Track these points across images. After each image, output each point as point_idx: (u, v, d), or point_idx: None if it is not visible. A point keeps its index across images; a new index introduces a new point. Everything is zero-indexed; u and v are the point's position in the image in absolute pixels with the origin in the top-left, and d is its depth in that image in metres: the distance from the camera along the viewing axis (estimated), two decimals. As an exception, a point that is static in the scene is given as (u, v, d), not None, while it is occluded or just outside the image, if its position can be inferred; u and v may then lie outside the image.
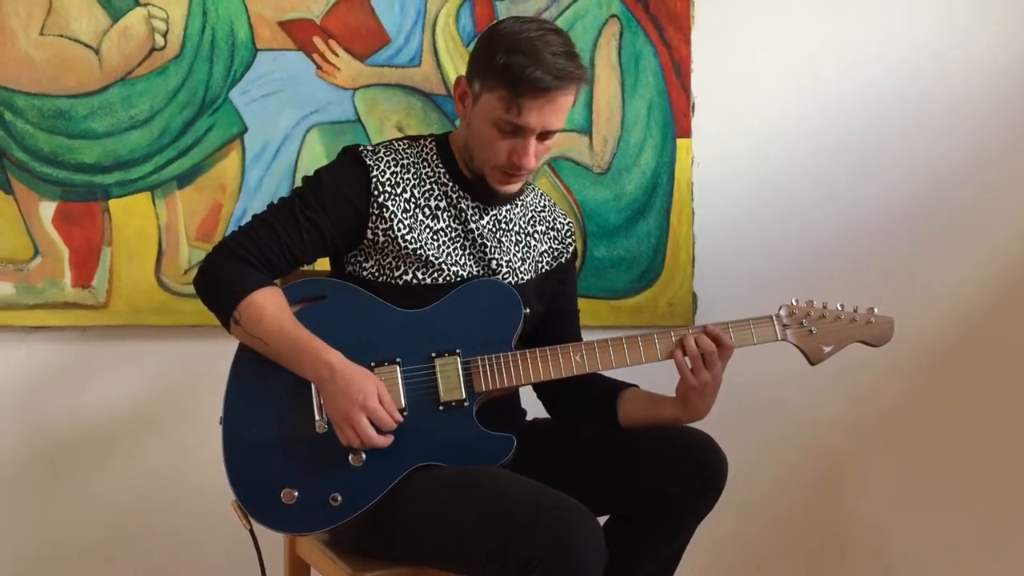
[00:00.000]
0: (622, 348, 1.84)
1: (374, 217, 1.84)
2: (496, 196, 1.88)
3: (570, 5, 2.52)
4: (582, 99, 2.53)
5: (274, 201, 1.88)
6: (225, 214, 2.35)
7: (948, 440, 2.72)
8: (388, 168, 1.87)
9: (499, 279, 1.89)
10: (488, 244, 1.90)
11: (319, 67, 2.39)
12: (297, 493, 1.75)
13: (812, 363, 1.89)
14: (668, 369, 1.84)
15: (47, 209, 2.26)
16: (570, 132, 2.54)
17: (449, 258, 1.87)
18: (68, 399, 2.32)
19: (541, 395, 2.02)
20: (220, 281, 1.80)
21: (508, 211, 1.95)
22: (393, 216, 1.84)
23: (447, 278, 1.86)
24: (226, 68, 2.33)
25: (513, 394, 1.98)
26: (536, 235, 1.98)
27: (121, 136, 2.29)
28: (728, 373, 1.85)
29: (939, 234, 2.71)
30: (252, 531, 1.81)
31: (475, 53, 1.84)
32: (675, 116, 2.59)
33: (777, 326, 1.88)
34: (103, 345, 2.32)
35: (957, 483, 2.73)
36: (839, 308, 1.90)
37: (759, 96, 2.65)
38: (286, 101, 2.37)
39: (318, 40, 2.38)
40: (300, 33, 2.37)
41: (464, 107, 1.86)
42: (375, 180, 1.85)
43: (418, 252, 1.84)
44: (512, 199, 1.93)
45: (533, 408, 2.02)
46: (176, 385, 2.38)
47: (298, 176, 2.34)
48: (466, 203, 1.90)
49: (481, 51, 1.82)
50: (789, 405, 2.71)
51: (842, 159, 2.68)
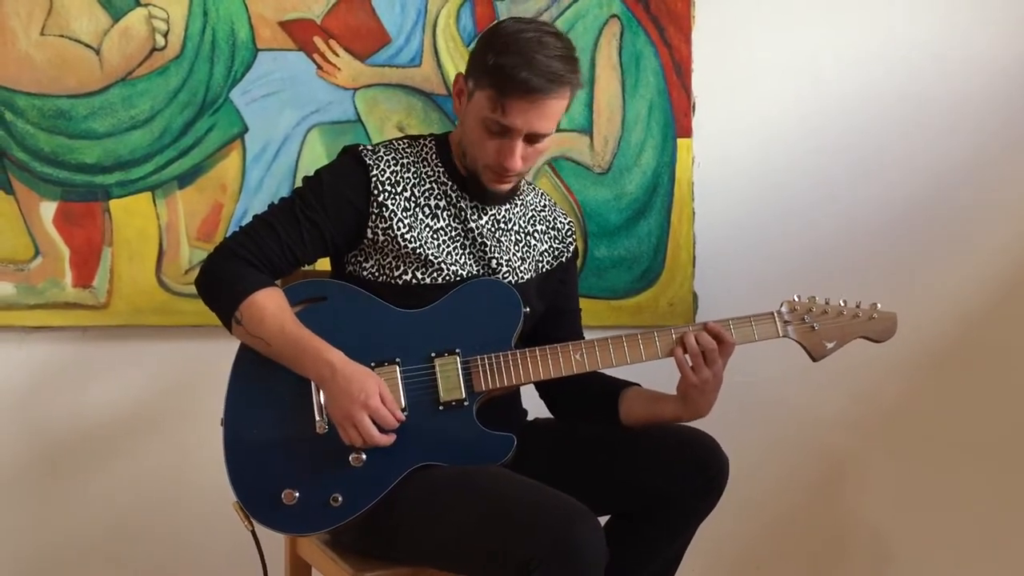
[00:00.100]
0: (622, 346, 1.84)
1: (374, 216, 1.84)
2: (490, 195, 1.88)
3: (571, 5, 2.52)
4: (583, 99, 2.53)
5: (275, 201, 1.88)
6: (226, 214, 2.35)
7: (948, 440, 2.72)
8: (388, 167, 1.87)
9: (499, 278, 1.89)
10: (488, 243, 1.90)
11: (320, 67, 2.39)
12: (298, 494, 1.75)
13: (814, 359, 1.89)
14: (669, 367, 1.84)
15: (48, 209, 2.26)
16: (571, 132, 2.54)
17: (449, 257, 1.87)
18: (69, 399, 2.32)
19: (542, 394, 2.02)
20: (221, 281, 1.80)
21: (508, 210, 1.95)
22: (393, 215, 1.84)
23: (447, 277, 1.86)
24: (227, 68, 2.33)
25: (514, 393, 1.98)
26: (536, 234, 1.98)
27: (122, 136, 2.29)
28: (729, 372, 1.85)
29: (939, 234, 2.72)
30: (254, 532, 1.81)
31: (472, 51, 1.85)
32: (676, 116, 2.59)
33: (779, 322, 1.87)
34: (104, 345, 2.32)
35: (957, 483, 2.73)
36: (842, 304, 1.90)
37: (759, 96, 2.65)
38: (287, 101, 2.37)
39: (319, 40, 2.38)
40: (301, 33, 2.37)
41: (460, 104, 1.86)
42: (375, 179, 1.85)
43: (418, 251, 1.84)
44: (508, 198, 1.93)
45: (535, 408, 2.02)
46: (177, 385, 2.38)
47: (299, 176, 2.34)
48: (465, 202, 1.90)
49: (477, 50, 1.82)
50: (791, 404, 2.71)
51: (842, 159, 2.68)
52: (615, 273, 2.59)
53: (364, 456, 1.76)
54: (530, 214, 1.99)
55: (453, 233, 1.89)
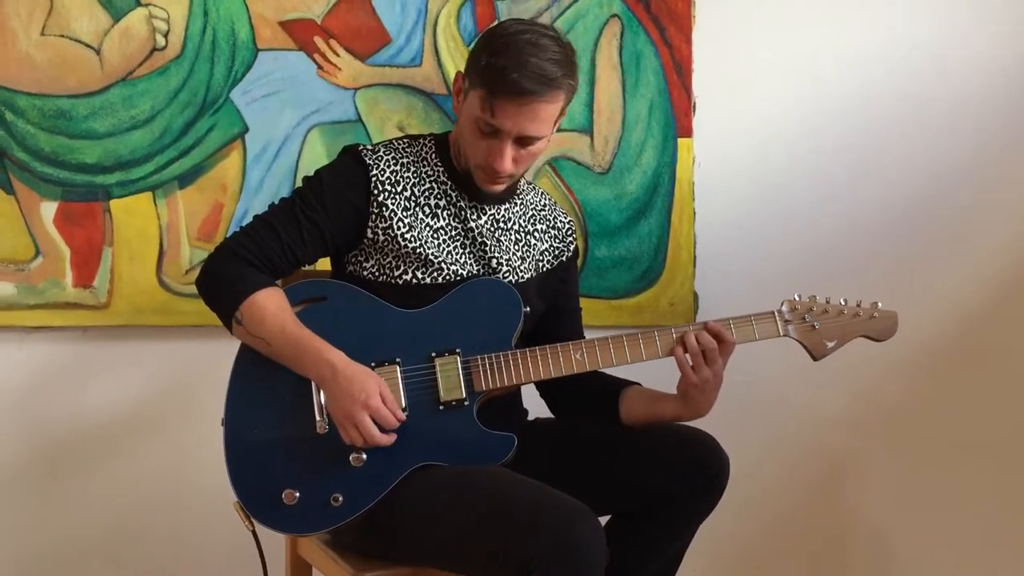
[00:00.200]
0: (623, 346, 1.84)
1: (374, 216, 1.84)
2: (484, 194, 1.88)
3: (571, 5, 2.52)
4: (583, 99, 2.53)
5: (275, 201, 1.88)
6: (226, 214, 2.35)
7: (949, 439, 2.72)
8: (388, 167, 1.87)
9: (499, 278, 1.89)
10: (487, 243, 1.90)
11: (320, 67, 2.39)
12: (298, 494, 1.75)
13: (815, 359, 1.89)
14: (669, 367, 1.84)
15: (48, 209, 2.26)
16: (571, 132, 2.54)
17: (449, 257, 1.87)
18: (69, 399, 2.32)
19: (542, 393, 2.02)
20: (222, 281, 1.80)
21: (507, 210, 1.95)
22: (393, 215, 1.84)
23: (447, 277, 1.86)
24: (227, 68, 2.33)
25: (514, 393, 1.98)
26: (536, 233, 1.98)
27: (122, 136, 2.29)
28: (729, 372, 1.85)
29: (939, 234, 2.71)
30: (254, 532, 1.81)
31: (471, 51, 1.85)
32: (676, 116, 2.59)
33: (779, 321, 1.87)
34: (104, 345, 2.32)
35: (958, 483, 2.73)
36: (842, 303, 1.89)
37: (760, 96, 2.65)
38: (287, 101, 2.37)
39: (319, 40, 2.38)
40: (301, 33, 2.37)
41: (458, 103, 1.86)
42: (375, 179, 1.85)
43: (418, 251, 1.84)
44: (507, 198, 1.93)
45: (535, 407, 2.02)
46: (177, 385, 2.37)
47: (299, 176, 2.34)
48: (464, 202, 1.90)
49: (475, 49, 1.83)
50: (791, 403, 2.71)
51: (842, 159, 2.68)
52: (616, 273, 2.59)
53: (364, 456, 1.76)
54: (530, 213, 1.99)
55: (453, 233, 1.88)
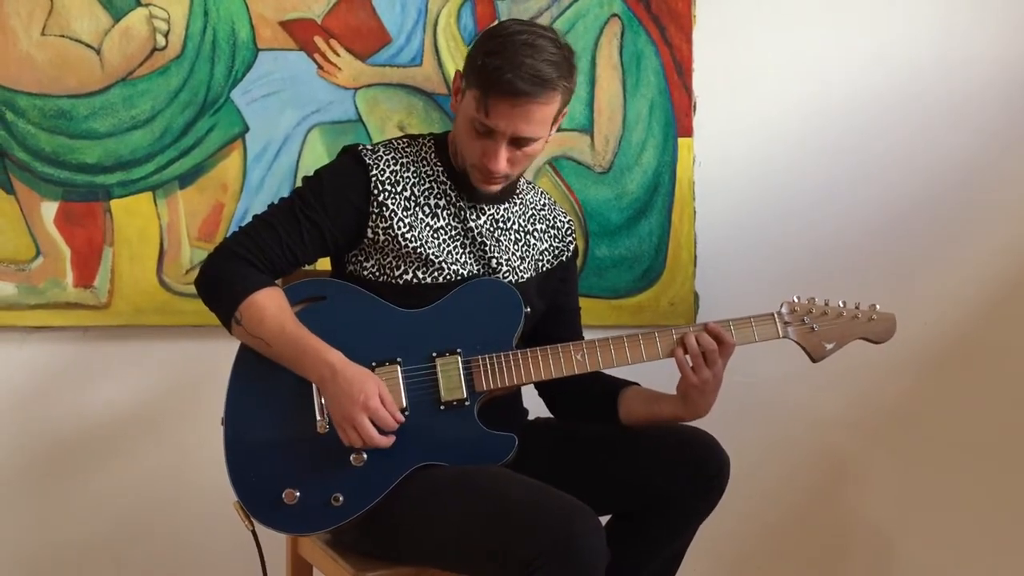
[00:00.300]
0: (623, 346, 1.84)
1: (374, 216, 1.84)
2: (480, 194, 1.88)
3: (571, 4, 2.52)
4: (583, 98, 2.53)
5: (275, 201, 1.88)
6: (227, 214, 2.35)
7: (949, 440, 2.72)
8: (388, 167, 1.87)
9: (499, 278, 1.89)
10: (487, 243, 1.90)
11: (320, 67, 2.39)
12: (299, 493, 1.75)
13: (814, 360, 1.89)
14: (669, 367, 1.84)
15: (49, 209, 2.26)
16: (571, 131, 2.54)
17: (449, 256, 1.87)
18: (69, 399, 2.32)
19: (542, 394, 2.02)
20: (221, 281, 1.80)
21: (506, 209, 1.95)
22: (393, 215, 1.84)
23: (447, 277, 1.86)
24: (227, 68, 2.33)
25: (515, 393, 1.98)
26: (536, 233, 1.98)
27: (123, 136, 2.29)
28: (729, 372, 1.85)
29: (939, 234, 2.71)
30: (254, 532, 1.81)
31: (469, 50, 1.85)
32: (676, 115, 2.59)
33: (779, 323, 1.87)
34: (105, 345, 2.32)
35: (958, 483, 2.73)
36: (841, 305, 1.90)
37: (760, 96, 2.65)
38: (287, 101, 2.37)
39: (319, 40, 2.38)
40: (301, 33, 2.37)
41: (456, 102, 1.86)
42: (375, 179, 1.85)
43: (418, 251, 1.84)
44: (505, 197, 1.93)
45: (535, 407, 2.02)
46: (177, 385, 2.38)
47: (299, 176, 2.34)
48: (463, 202, 1.90)
49: (472, 49, 1.82)
50: (791, 404, 2.71)
51: (843, 159, 2.68)
52: (616, 273, 2.59)
53: (365, 456, 1.76)
54: (530, 213, 1.99)
55: (453, 232, 1.88)
